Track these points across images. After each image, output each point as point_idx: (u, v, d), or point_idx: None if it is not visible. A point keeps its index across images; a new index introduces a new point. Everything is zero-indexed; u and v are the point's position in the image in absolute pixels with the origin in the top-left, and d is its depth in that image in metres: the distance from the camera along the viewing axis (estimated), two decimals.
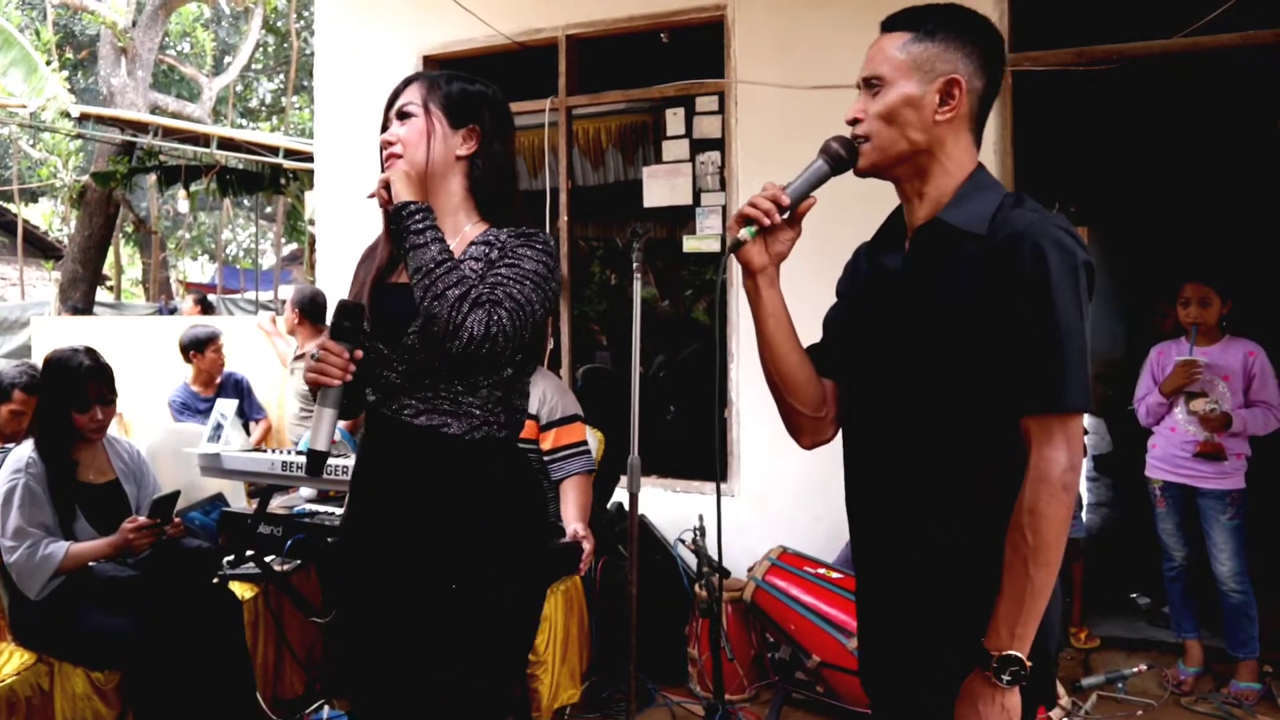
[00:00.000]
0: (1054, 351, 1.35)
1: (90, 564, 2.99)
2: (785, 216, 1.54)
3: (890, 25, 1.53)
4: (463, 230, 1.93)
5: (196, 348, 5.18)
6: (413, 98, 1.93)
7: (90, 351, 3.10)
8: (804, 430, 1.67)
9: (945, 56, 1.47)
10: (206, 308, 9.35)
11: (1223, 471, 3.71)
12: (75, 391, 3.03)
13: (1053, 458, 1.35)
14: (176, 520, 3.09)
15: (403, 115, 1.92)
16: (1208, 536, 3.74)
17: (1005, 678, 1.35)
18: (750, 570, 3.75)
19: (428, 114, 1.91)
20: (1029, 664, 1.36)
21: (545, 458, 3.44)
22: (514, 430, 1.94)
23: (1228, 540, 3.69)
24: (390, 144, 1.91)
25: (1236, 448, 3.72)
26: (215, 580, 3.30)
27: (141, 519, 2.97)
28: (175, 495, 3.11)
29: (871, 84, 1.50)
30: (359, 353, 1.83)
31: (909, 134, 1.47)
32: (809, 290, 2.02)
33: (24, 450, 3.01)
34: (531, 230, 1.91)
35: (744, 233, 1.53)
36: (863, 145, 1.51)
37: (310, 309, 4.91)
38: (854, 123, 1.52)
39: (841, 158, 1.53)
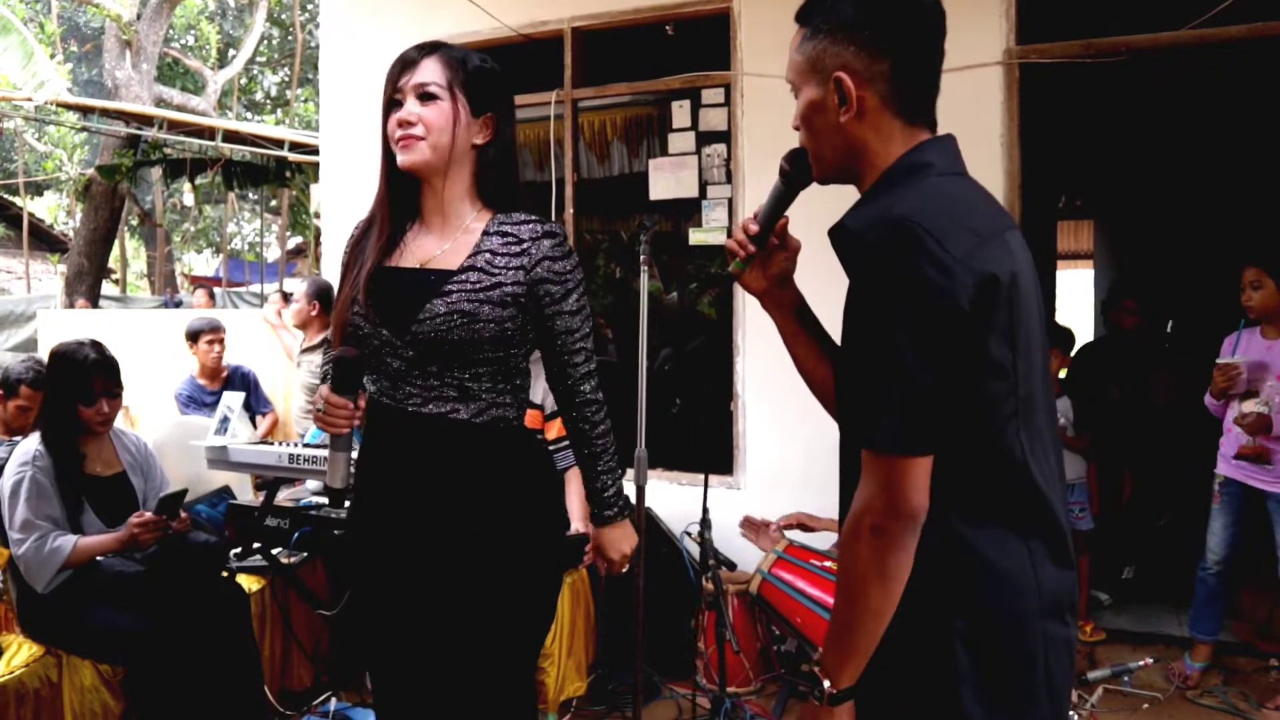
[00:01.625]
0: (867, 378, 1.22)
1: (97, 559, 3.00)
2: (762, 244, 1.52)
3: (797, 19, 1.40)
4: (465, 220, 1.90)
5: (191, 337, 5.17)
6: (437, 78, 1.84)
7: (96, 345, 3.10)
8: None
9: (831, 51, 1.33)
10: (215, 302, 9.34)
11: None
12: (81, 385, 3.03)
13: (866, 493, 1.23)
14: (183, 515, 3.10)
15: (426, 96, 1.84)
16: (1277, 539, 3.61)
17: (816, 693, 1.30)
18: (757, 563, 3.75)
19: (454, 99, 1.84)
20: (833, 691, 1.28)
21: (550, 447, 3.44)
22: (521, 410, 1.94)
23: None
24: (410, 124, 1.83)
25: None
26: (224, 574, 3.30)
27: (148, 514, 2.98)
28: (183, 493, 3.11)
29: (791, 89, 1.42)
30: (363, 401, 1.86)
31: (828, 140, 1.37)
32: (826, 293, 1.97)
33: (30, 443, 3.01)
34: (550, 227, 1.90)
35: (732, 266, 1.54)
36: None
37: (327, 300, 4.90)
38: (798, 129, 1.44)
39: (788, 173, 1.47)
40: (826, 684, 1.28)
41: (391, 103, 1.86)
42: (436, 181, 1.88)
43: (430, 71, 1.84)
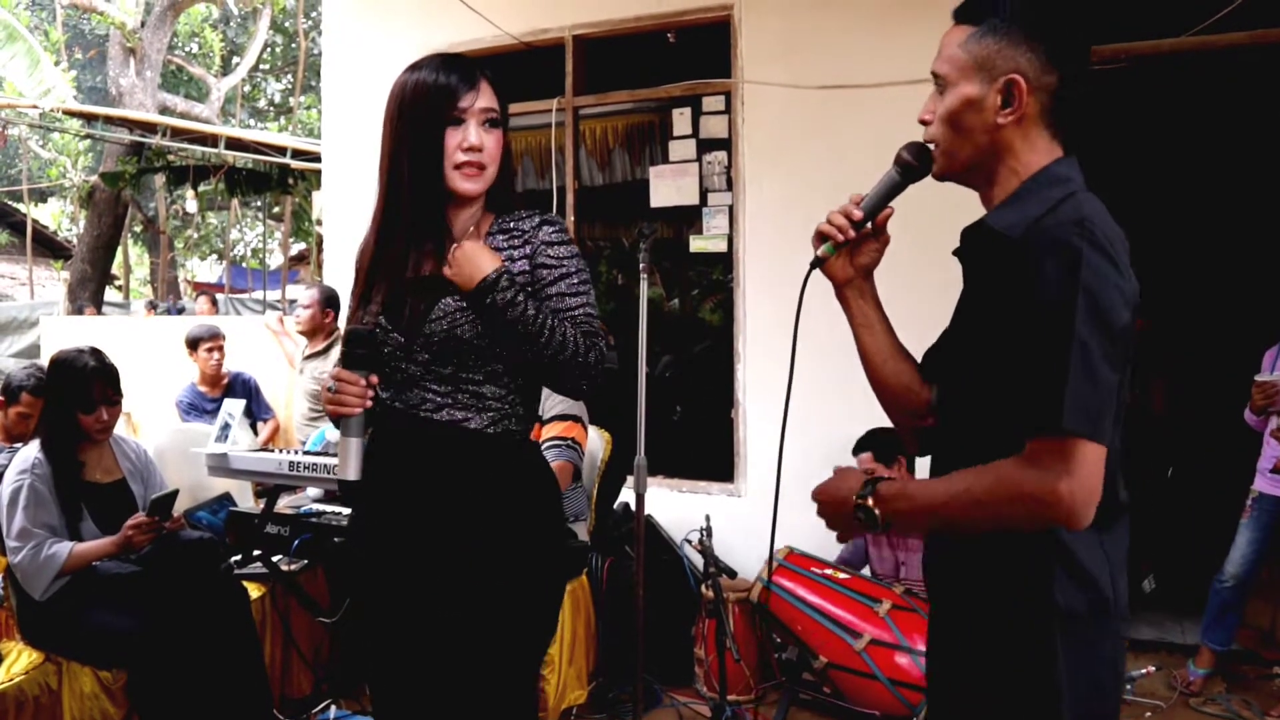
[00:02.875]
0: (1047, 367, 1.23)
1: (93, 563, 3.00)
2: (860, 231, 1.52)
3: (958, 16, 1.45)
4: (469, 225, 1.89)
5: (191, 345, 5.17)
6: (496, 105, 1.83)
7: (96, 352, 3.11)
8: (906, 436, 1.64)
9: (1006, 54, 1.37)
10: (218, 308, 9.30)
11: None
12: (80, 392, 3.03)
13: (1044, 478, 1.22)
14: (176, 516, 3.10)
15: (492, 123, 1.83)
16: None
17: (859, 514, 1.37)
18: (758, 571, 3.75)
19: (504, 127, 1.86)
20: (880, 515, 1.35)
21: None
22: (529, 423, 1.92)
23: None
24: (479, 150, 1.80)
25: None
26: (222, 568, 3.30)
27: (141, 517, 2.98)
28: (174, 494, 3.11)
29: (938, 82, 1.44)
30: (375, 378, 1.79)
31: (973, 138, 1.41)
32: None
33: (30, 451, 3.01)
34: (549, 216, 1.89)
35: (823, 249, 1.53)
36: (934, 150, 1.46)
37: (339, 307, 4.93)
38: (925, 123, 1.47)
39: (912, 166, 1.49)
40: (877, 509, 1.35)
41: (450, 119, 1.80)
42: (471, 202, 1.88)
43: (491, 97, 1.83)
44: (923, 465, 1.69)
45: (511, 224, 1.88)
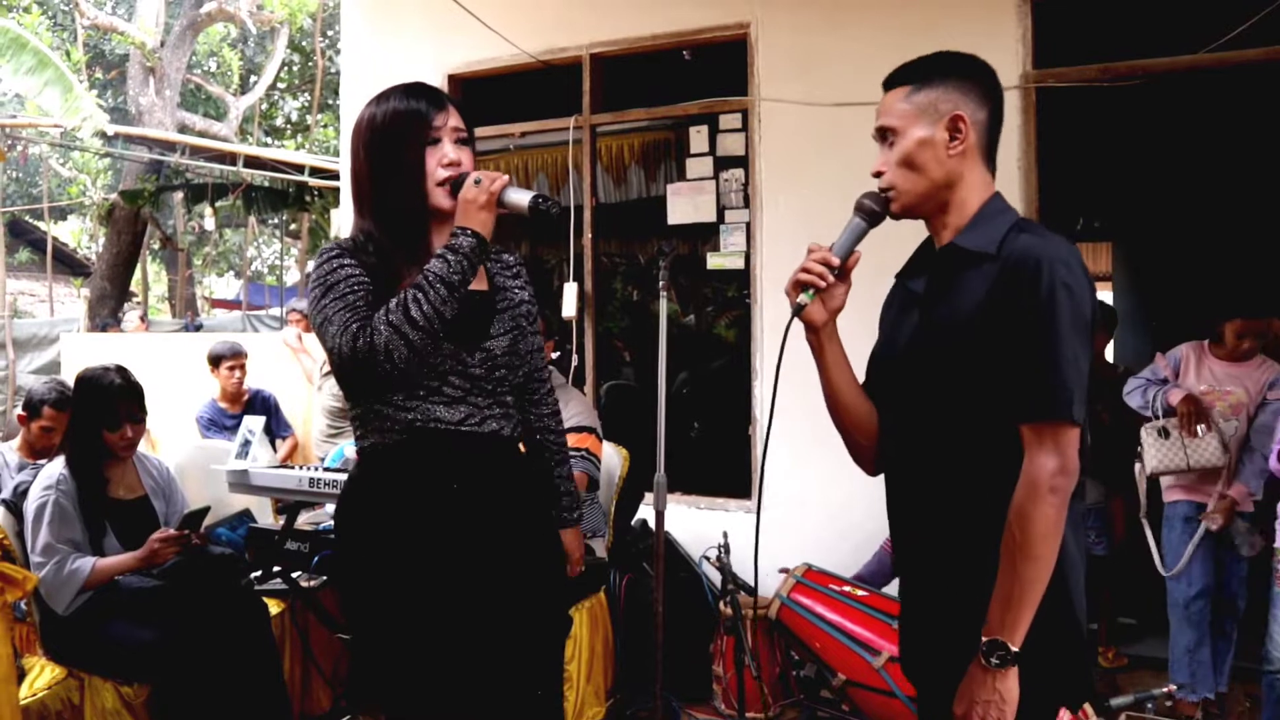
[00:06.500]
0: (1052, 365, 1.46)
1: (116, 577, 3.02)
2: (836, 275, 1.66)
3: (890, 83, 1.66)
4: None
5: (214, 362, 5.21)
6: (463, 125, 1.95)
7: (121, 370, 3.14)
8: (866, 459, 1.80)
9: (946, 97, 1.60)
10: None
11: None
12: (106, 410, 3.06)
13: (1042, 462, 1.46)
14: (202, 531, 3.12)
15: (463, 141, 1.94)
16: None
17: (993, 660, 1.47)
18: (776, 588, 3.74)
19: (471, 149, 1.97)
20: (1014, 649, 1.46)
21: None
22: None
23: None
24: (457, 164, 1.90)
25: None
26: (242, 584, 3.31)
27: (170, 530, 3.00)
28: (206, 510, 3.14)
29: (886, 136, 1.64)
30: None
31: (928, 173, 1.61)
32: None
33: (55, 467, 3.04)
34: (520, 256, 2.12)
35: (803, 297, 1.64)
36: (889, 194, 1.64)
37: None
38: (879, 175, 1.65)
39: (875, 212, 1.66)
40: (1013, 646, 1.47)
41: (428, 140, 1.90)
42: (447, 221, 1.94)
43: (458, 117, 1.94)
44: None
45: (512, 259, 2.07)
